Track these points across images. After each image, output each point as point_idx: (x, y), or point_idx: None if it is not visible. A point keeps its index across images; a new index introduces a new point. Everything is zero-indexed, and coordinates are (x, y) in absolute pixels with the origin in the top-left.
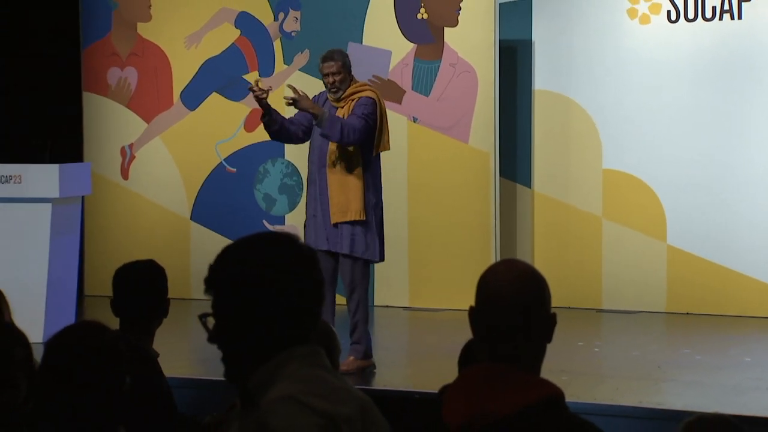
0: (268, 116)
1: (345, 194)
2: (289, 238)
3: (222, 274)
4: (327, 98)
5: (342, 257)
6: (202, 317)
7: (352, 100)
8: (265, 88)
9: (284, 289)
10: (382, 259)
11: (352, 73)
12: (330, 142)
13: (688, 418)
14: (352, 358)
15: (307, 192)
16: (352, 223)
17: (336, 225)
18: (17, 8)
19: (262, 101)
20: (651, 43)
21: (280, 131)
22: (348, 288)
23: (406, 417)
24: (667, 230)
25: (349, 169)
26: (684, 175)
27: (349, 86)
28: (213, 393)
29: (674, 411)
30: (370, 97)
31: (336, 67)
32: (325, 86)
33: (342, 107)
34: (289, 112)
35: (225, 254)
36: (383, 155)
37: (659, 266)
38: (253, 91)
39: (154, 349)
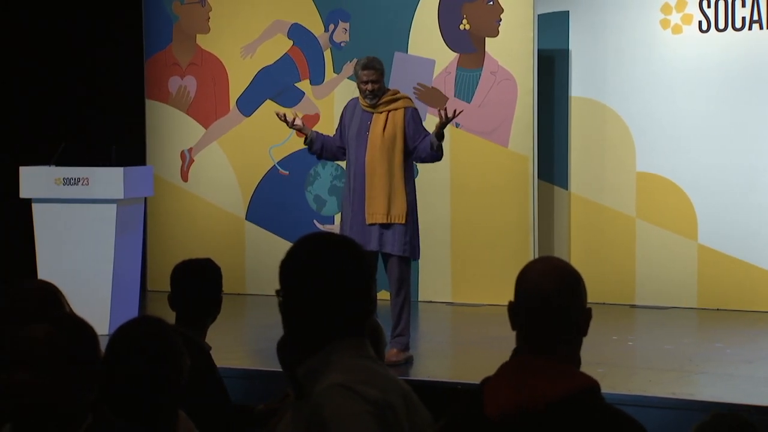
0: (308, 139)
1: (387, 198)
2: (347, 241)
3: (289, 268)
4: (357, 103)
5: (391, 256)
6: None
7: (395, 109)
8: (290, 119)
9: (341, 285)
10: (419, 256)
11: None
12: (368, 152)
13: (703, 418)
14: (395, 350)
15: (343, 198)
16: (399, 225)
17: (372, 225)
18: (86, 23)
19: (295, 128)
20: (683, 52)
21: (323, 150)
22: (396, 284)
23: (450, 407)
24: (698, 230)
25: (391, 175)
26: (714, 177)
27: (384, 94)
28: (266, 383)
29: (705, 402)
30: (416, 109)
31: (375, 76)
32: (361, 92)
33: (381, 113)
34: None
35: (293, 251)
36: None
37: (690, 264)
38: (282, 119)
39: (207, 343)
